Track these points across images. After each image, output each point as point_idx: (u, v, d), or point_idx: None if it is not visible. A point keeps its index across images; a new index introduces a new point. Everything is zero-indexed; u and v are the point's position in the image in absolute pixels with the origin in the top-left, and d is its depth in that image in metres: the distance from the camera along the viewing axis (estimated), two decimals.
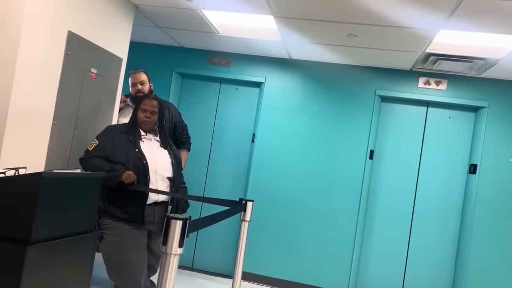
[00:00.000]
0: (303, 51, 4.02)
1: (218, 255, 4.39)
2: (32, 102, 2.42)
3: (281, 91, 4.34)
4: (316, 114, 4.25)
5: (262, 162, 4.29)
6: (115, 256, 2.66)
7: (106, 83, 3.11)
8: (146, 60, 4.17)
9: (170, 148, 2.93)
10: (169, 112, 3.46)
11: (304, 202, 4.19)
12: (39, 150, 2.54)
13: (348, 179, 4.14)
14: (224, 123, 4.52)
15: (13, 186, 1.50)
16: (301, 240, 4.17)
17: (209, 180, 4.50)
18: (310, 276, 4.13)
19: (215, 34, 3.82)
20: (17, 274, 1.38)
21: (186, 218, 1.45)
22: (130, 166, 2.65)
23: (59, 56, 2.59)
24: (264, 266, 4.20)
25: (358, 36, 3.34)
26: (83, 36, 2.77)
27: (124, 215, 2.64)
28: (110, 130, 2.82)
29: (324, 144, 4.21)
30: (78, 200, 1.73)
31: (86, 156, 2.71)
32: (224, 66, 4.45)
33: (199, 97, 4.58)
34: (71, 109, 2.76)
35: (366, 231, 4.19)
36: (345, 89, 4.22)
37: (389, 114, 4.25)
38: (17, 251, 1.39)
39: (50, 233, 1.54)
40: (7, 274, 1.40)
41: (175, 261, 1.43)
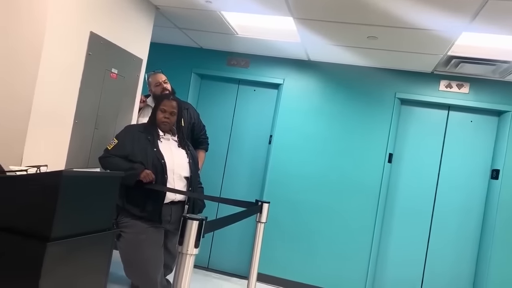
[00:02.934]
0: (322, 53, 3.99)
1: (233, 255, 4.40)
2: (54, 102, 2.47)
3: (299, 92, 4.32)
4: (334, 116, 4.22)
5: (279, 164, 4.28)
6: (132, 254, 2.69)
7: (126, 83, 3.15)
8: (165, 61, 4.21)
9: (187, 148, 2.96)
10: (187, 113, 3.49)
11: (321, 205, 4.17)
12: (60, 148, 2.59)
13: (366, 182, 4.10)
14: (241, 124, 4.52)
15: (34, 184, 1.54)
16: (318, 242, 4.15)
17: (225, 181, 4.51)
18: (326, 279, 4.09)
19: (234, 35, 3.83)
20: (37, 270, 1.41)
21: (202, 218, 1.46)
22: (148, 165, 2.68)
23: (81, 57, 2.63)
24: (280, 268, 4.19)
25: (378, 38, 3.30)
26: (105, 37, 2.81)
27: (142, 213, 2.67)
28: (129, 129, 2.85)
29: (342, 147, 4.18)
30: (97, 198, 1.76)
31: (105, 155, 2.75)
32: (243, 67, 4.46)
33: (217, 98, 4.60)
34: (92, 108, 2.81)
35: (384, 236, 4.13)
36: (364, 91, 4.18)
37: (409, 117, 4.19)
38: (37, 247, 1.42)
39: (70, 230, 1.57)
40: (27, 270, 1.43)
41: (191, 261, 1.44)
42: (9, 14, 2.36)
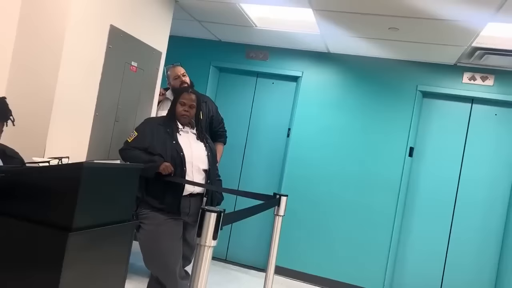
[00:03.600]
0: (342, 45, 3.94)
1: (251, 248, 4.42)
2: (75, 95, 2.50)
3: (318, 85, 4.28)
4: (354, 109, 4.17)
5: (297, 157, 4.27)
6: (152, 245, 2.73)
7: (146, 76, 3.17)
8: (184, 54, 4.23)
9: (206, 141, 2.96)
10: (206, 106, 3.50)
11: (339, 198, 4.14)
12: (82, 140, 2.63)
13: (386, 176, 4.04)
14: (259, 117, 4.51)
15: (56, 175, 1.57)
16: (336, 236, 4.13)
17: (243, 174, 4.52)
18: (344, 273, 4.08)
19: (253, 27, 3.81)
20: (59, 259, 1.44)
21: (220, 211, 1.46)
22: (167, 157, 2.70)
23: (102, 50, 2.66)
24: (298, 261, 4.19)
25: (399, 30, 3.23)
26: (125, 30, 2.83)
27: (161, 205, 2.70)
28: (149, 122, 2.88)
29: (362, 140, 4.13)
30: (117, 190, 1.78)
31: (125, 147, 2.78)
32: (261, 60, 4.44)
33: (235, 91, 4.60)
34: (112, 101, 2.84)
35: (404, 231, 4.08)
36: (385, 84, 4.11)
37: (431, 110, 4.11)
38: (59, 237, 1.45)
39: (90, 221, 1.59)
40: (50, 259, 1.46)
41: (209, 252, 1.45)
42: (32, 9, 2.40)
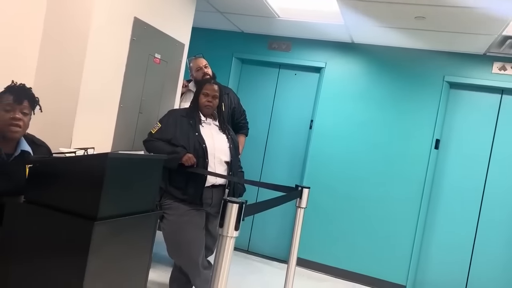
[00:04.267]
0: (367, 35, 3.86)
1: (273, 239, 4.43)
2: (100, 87, 2.54)
3: (342, 76, 4.22)
4: (378, 100, 4.10)
5: (319, 149, 4.23)
6: (175, 235, 2.77)
7: (169, 68, 3.20)
8: (207, 45, 4.23)
9: (228, 133, 2.97)
10: (228, 97, 3.50)
11: (363, 191, 4.09)
12: (107, 131, 2.68)
13: (410, 169, 3.97)
14: (282, 108, 4.49)
15: (82, 165, 1.60)
16: (358, 230, 4.09)
17: (265, 166, 4.52)
18: (367, 267, 4.04)
19: (276, 18, 3.78)
20: (85, 247, 1.47)
21: (242, 202, 1.46)
22: (190, 149, 2.73)
23: (126, 42, 2.69)
24: (320, 253, 4.18)
25: (426, 18, 3.14)
26: (148, 22, 2.85)
27: (184, 196, 2.73)
28: (172, 114, 2.90)
29: (386, 132, 4.06)
30: (141, 180, 1.81)
31: (149, 138, 2.82)
32: (284, 51, 4.41)
33: (258, 82, 4.59)
34: (136, 93, 2.88)
35: (428, 225, 4.00)
36: (411, 74, 4.02)
37: (459, 101, 3.99)
38: (85, 226, 1.48)
39: (115, 210, 1.62)
40: (76, 247, 1.49)
41: (231, 243, 1.46)
42: (59, 2, 2.44)
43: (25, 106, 1.87)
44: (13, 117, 1.83)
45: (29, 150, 1.92)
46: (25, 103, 1.87)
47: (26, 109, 1.88)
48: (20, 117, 1.85)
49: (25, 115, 1.88)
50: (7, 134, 1.85)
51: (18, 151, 1.89)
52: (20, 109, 1.85)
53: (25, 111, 1.87)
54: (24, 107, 1.87)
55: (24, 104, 1.86)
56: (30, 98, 1.90)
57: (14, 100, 1.84)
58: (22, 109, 1.86)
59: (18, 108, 1.85)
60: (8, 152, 1.87)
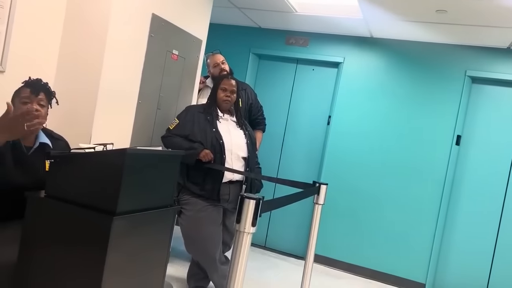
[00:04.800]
0: (386, 29, 3.80)
1: (290, 236, 4.42)
2: (119, 83, 2.57)
3: (360, 71, 4.17)
4: (398, 96, 4.03)
5: (337, 145, 4.20)
6: (192, 230, 2.79)
7: (187, 64, 3.21)
8: (224, 41, 4.23)
9: (245, 129, 2.97)
10: (245, 93, 3.50)
11: (381, 188, 4.04)
12: (125, 127, 2.71)
13: (431, 165, 3.90)
14: (299, 104, 4.47)
15: (101, 161, 1.62)
16: (377, 227, 4.04)
17: (283, 162, 4.51)
18: (385, 264, 4.00)
19: (293, 13, 3.75)
20: (105, 241, 1.49)
21: (259, 198, 1.46)
22: (207, 145, 2.74)
23: (144, 39, 2.71)
24: (337, 250, 4.15)
25: (448, 12, 3.07)
26: (166, 19, 2.86)
27: (201, 192, 2.75)
28: (190, 110, 2.92)
29: (406, 128, 3.99)
30: (159, 175, 1.82)
31: (167, 134, 2.84)
32: (302, 46, 4.37)
33: (275, 78, 4.57)
34: (154, 89, 2.90)
35: (448, 224, 3.93)
36: (432, 69, 3.94)
37: (481, 96, 3.90)
38: (104, 220, 1.50)
39: (134, 205, 1.64)
40: (96, 241, 1.51)
41: (248, 239, 1.45)
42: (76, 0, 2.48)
43: (42, 98, 1.90)
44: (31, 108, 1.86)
45: (48, 142, 1.96)
46: (42, 95, 1.90)
47: (43, 101, 1.91)
48: (38, 108, 1.88)
49: (42, 106, 1.90)
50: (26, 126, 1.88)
51: (37, 143, 1.93)
52: (37, 101, 1.88)
53: (42, 103, 1.90)
54: (40, 99, 1.90)
55: (40, 96, 1.90)
56: (46, 91, 1.93)
57: (31, 92, 1.87)
58: (39, 100, 1.89)
59: (36, 100, 1.88)
60: (27, 145, 1.91)
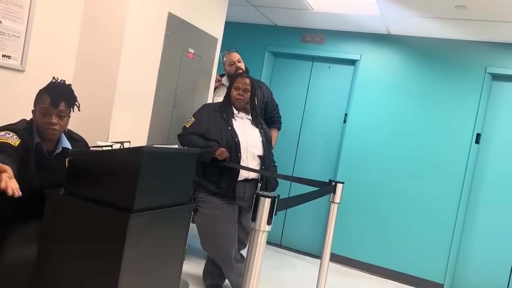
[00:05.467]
0: (404, 26, 3.75)
1: (306, 234, 4.40)
2: (136, 82, 2.59)
3: (377, 68, 4.12)
4: (415, 93, 3.97)
5: (354, 144, 4.16)
6: (208, 228, 2.80)
7: (203, 62, 3.22)
8: (239, 39, 4.23)
9: (261, 127, 2.97)
10: (261, 91, 3.50)
11: (399, 187, 3.99)
12: (142, 125, 2.73)
13: (449, 164, 3.83)
14: (315, 102, 4.44)
15: (118, 159, 1.63)
16: (394, 226, 3.99)
17: (298, 160, 4.49)
18: (402, 264, 3.95)
19: (309, 10, 3.73)
20: (122, 238, 1.51)
21: (275, 196, 1.45)
22: (223, 143, 2.74)
23: (160, 37, 2.73)
24: (354, 249, 4.12)
25: (467, 7, 3.01)
26: (182, 17, 2.88)
27: (217, 190, 2.76)
28: (206, 108, 2.93)
29: (424, 126, 3.93)
30: (175, 173, 1.83)
31: (183, 132, 2.86)
32: (318, 43, 4.34)
33: (290, 76, 4.55)
34: (170, 88, 2.92)
35: (468, 223, 3.85)
36: (451, 66, 3.86)
37: (501, 94, 3.81)
38: (122, 218, 1.52)
39: (150, 203, 1.65)
40: (113, 238, 1.53)
41: (264, 237, 1.45)
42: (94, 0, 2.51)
43: (62, 109, 1.88)
44: (49, 122, 1.86)
45: (69, 146, 1.98)
46: (62, 105, 1.88)
47: (63, 112, 1.89)
48: (56, 121, 1.87)
49: (62, 118, 1.90)
50: (45, 136, 1.91)
51: (59, 148, 1.95)
52: (56, 113, 1.87)
53: (61, 114, 1.89)
54: (60, 110, 1.88)
55: (60, 108, 1.87)
56: (67, 99, 1.91)
57: (50, 103, 1.85)
58: (58, 112, 1.88)
59: (55, 112, 1.86)
60: (49, 149, 1.93)
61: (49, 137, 1.92)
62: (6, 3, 2.11)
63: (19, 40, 2.21)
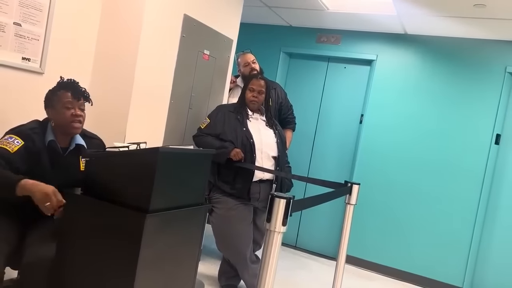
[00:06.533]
0: (421, 25, 3.70)
1: (321, 236, 4.38)
2: (152, 83, 2.62)
3: (394, 69, 4.07)
4: (433, 94, 3.91)
5: (370, 145, 4.12)
6: (223, 229, 2.81)
7: (218, 64, 3.23)
8: (254, 40, 4.23)
9: (275, 128, 2.97)
10: (275, 92, 3.49)
11: (416, 188, 3.93)
12: (158, 126, 2.75)
13: (468, 165, 3.76)
14: (330, 103, 4.41)
15: (134, 159, 1.65)
16: (410, 228, 3.94)
17: (313, 161, 4.47)
18: (419, 266, 3.89)
19: (325, 11, 3.71)
20: (138, 238, 1.52)
21: (290, 197, 1.45)
22: (238, 144, 2.75)
23: (176, 39, 2.75)
24: (370, 251, 4.08)
25: (486, 6, 2.95)
26: (197, 19, 2.89)
27: (232, 190, 2.76)
28: (221, 109, 2.94)
29: (442, 127, 3.87)
30: (191, 174, 1.84)
31: (198, 133, 2.87)
32: (333, 44, 4.32)
33: (306, 76, 4.53)
34: (186, 89, 2.93)
35: (487, 225, 3.77)
36: (469, 66, 3.80)
37: None
38: (138, 218, 1.53)
39: (166, 203, 1.66)
40: (129, 238, 1.55)
41: (279, 238, 1.45)
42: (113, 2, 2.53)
43: (82, 102, 1.97)
44: (75, 114, 1.92)
45: (83, 143, 2.02)
46: (82, 99, 1.97)
47: (83, 105, 1.98)
48: (80, 113, 1.95)
49: (83, 111, 1.98)
50: (70, 130, 1.95)
51: (73, 145, 1.99)
52: (78, 105, 1.95)
53: (82, 107, 1.97)
54: (81, 103, 1.97)
55: (81, 101, 1.96)
56: (83, 95, 1.99)
57: (73, 97, 1.93)
58: (80, 105, 1.96)
59: (77, 104, 1.94)
60: (63, 146, 1.97)
61: (74, 131, 1.96)
62: (26, 6, 2.16)
63: (38, 43, 2.25)
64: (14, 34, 2.14)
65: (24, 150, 1.83)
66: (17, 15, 2.13)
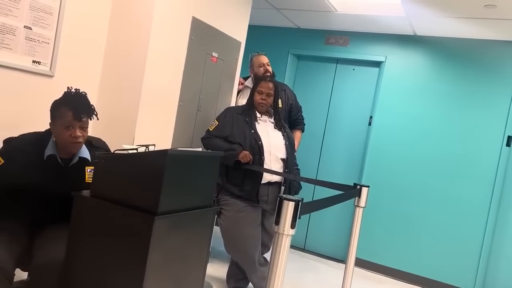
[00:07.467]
0: (430, 26, 3.67)
1: (330, 239, 4.36)
2: (161, 86, 2.63)
3: (403, 70, 4.05)
4: (443, 95, 3.88)
5: (379, 146, 4.09)
6: (231, 231, 2.80)
7: (226, 66, 3.23)
8: (262, 42, 4.23)
9: (284, 130, 2.96)
10: (285, 94, 3.49)
11: (426, 190, 3.90)
12: (167, 129, 2.76)
13: (479, 167, 3.72)
14: (339, 104, 4.40)
15: (143, 161, 1.65)
16: (421, 230, 3.90)
17: (322, 163, 4.45)
18: (430, 269, 3.85)
19: (333, 12, 3.70)
20: (147, 240, 1.53)
21: (298, 200, 1.44)
22: (246, 146, 2.75)
23: (184, 42, 2.76)
24: (379, 254, 4.04)
25: (497, 6, 2.92)
26: (206, 21, 2.90)
27: (241, 193, 2.76)
28: (229, 111, 2.94)
29: (452, 128, 3.83)
30: (199, 176, 1.84)
31: (207, 135, 2.88)
32: (342, 45, 4.31)
33: (314, 78, 4.52)
34: (194, 91, 2.94)
35: (499, 227, 3.72)
36: (479, 67, 3.76)
37: None
38: (146, 220, 1.53)
39: (174, 206, 1.66)
40: (138, 240, 1.55)
41: (287, 241, 1.44)
42: (122, 5, 2.55)
43: (84, 121, 1.88)
44: (74, 136, 1.85)
45: (87, 156, 1.97)
46: (84, 118, 1.88)
47: (85, 123, 1.90)
48: (80, 134, 1.87)
49: (84, 130, 1.90)
50: (68, 149, 1.91)
51: (76, 158, 1.94)
52: (79, 126, 1.87)
53: (84, 126, 1.89)
54: (83, 123, 1.88)
55: (83, 120, 1.87)
56: (87, 111, 1.89)
57: (73, 117, 1.84)
58: (81, 125, 1.88)
59: (78, 125, 1.86)
60: (66, 157, 1.93)
61: (73, 150, 1.91)
62: (37, 10, 2.18)
63: (48, 46, 2.27)
64: (25, 37, 2.16)
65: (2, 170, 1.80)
66: (28, 19, 2.15)
